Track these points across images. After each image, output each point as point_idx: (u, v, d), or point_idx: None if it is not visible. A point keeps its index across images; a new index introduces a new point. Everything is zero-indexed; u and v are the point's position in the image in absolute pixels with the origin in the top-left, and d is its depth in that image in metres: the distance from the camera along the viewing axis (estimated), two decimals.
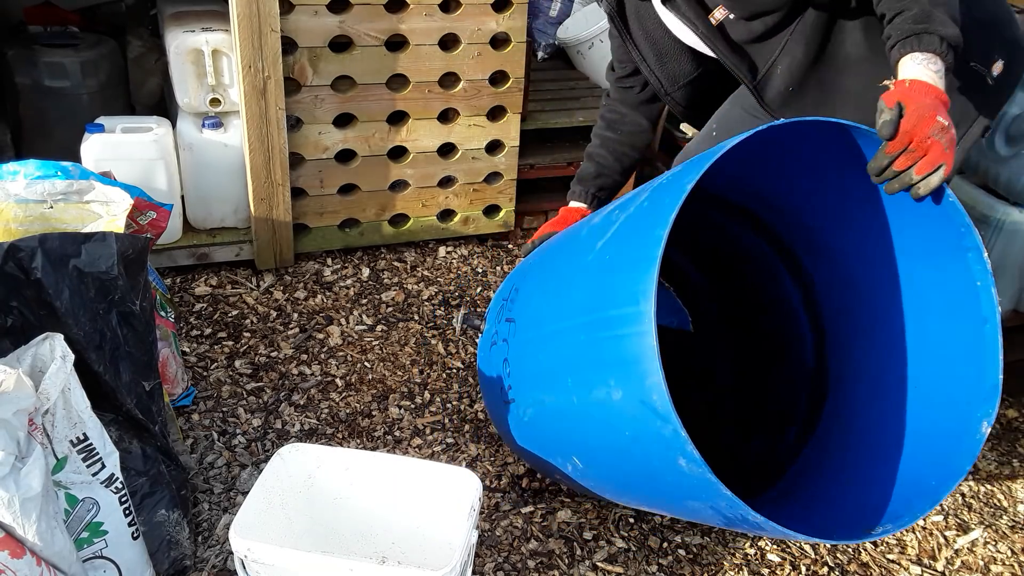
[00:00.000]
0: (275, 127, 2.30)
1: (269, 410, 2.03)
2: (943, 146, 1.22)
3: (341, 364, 2.20)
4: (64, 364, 1.27)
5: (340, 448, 1.51)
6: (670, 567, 1.75)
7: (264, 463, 1.85)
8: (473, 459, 1.96)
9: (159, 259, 2.39)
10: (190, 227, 2.49)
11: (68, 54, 2.57)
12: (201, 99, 2.33)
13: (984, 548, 1.90)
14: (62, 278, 1.34)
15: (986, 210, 2.00)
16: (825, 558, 1.82)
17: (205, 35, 2.26)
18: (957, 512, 1.99)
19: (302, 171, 2.48)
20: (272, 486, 1.45)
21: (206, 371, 2.13)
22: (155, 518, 1.53)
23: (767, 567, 1.78)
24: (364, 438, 1.99)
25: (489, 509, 1.84)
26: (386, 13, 2.34)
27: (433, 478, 1.48)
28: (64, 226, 1.56)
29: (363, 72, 2.40)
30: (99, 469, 1.35)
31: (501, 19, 2.46)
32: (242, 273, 2.52)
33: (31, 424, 1.23)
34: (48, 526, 1.21)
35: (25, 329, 1.34)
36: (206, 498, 1.78)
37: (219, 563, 1.65)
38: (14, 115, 2.66)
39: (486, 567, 1.70)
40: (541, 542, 1.77)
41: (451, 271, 2.65)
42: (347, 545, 1.55)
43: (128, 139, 2.23)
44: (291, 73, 2.31)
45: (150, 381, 1.54)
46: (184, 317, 2.31)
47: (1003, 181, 1.99)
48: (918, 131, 1.20)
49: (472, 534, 1.38)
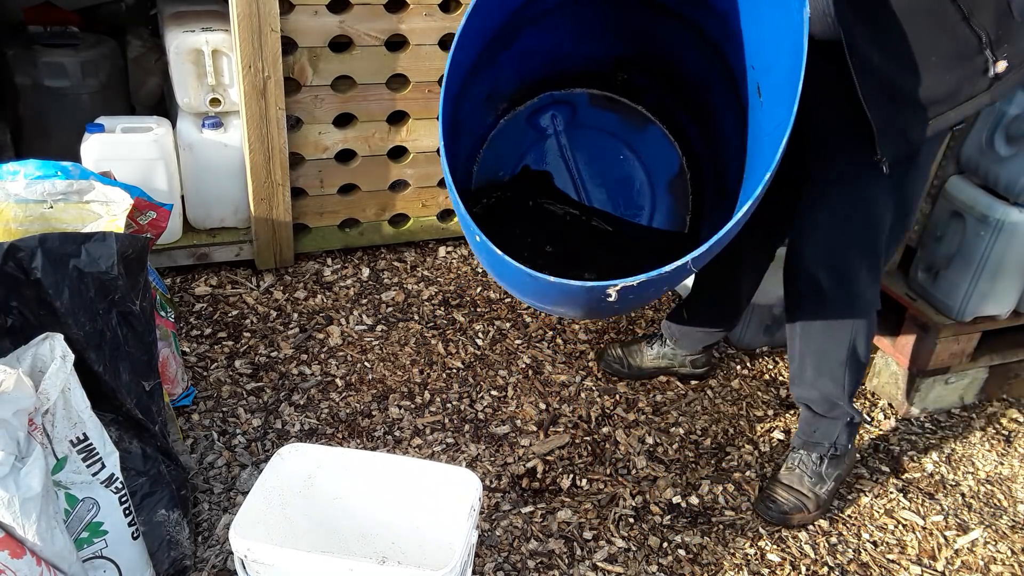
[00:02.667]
0: (275, 127, 2.30)
1: (269, 410, 2.03)
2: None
3: (341, 364, 2.20)
4: (64, 364, 1.27)
5: (340, 448, 1.51)
6: (670, 567, 1.75)
7: (264, 463, 1.85)
8: (473, 459, 1.96)
9: (159, 259, 2.39)
10: (190, 227, 2.49)
11: (68, 54, 2.57)
12: (201, 99, 2.33)
13: (984, 548, 1.90)
14: (62, 278, 1.34)
15: (986, 210, 2.00)
16: (825, 558, 1.82)
17: (205, 35, 2.26)
18: (957, 512, 1.99)
19: (302, 171, 2.48)
20: (272, 486, 1.45)
21: (206, 371, 2.13)
22: (155, 518, 1.53)
23: (767, 567, 1.78)
24: (364, 438, 1.99)
25: (489, 509, 1.84)
26: (386, 13, 2.34)
27: (433, 478, 1.48)
28: (64, 226, 1.56)
29: (363, 72, 2.40)
30: (99, 469, 1.35)
31: None
32: (242, 273, 2.52)
33: (31, 424, 1.23)
34: (48, 526, 1.21)
35: (25, 329, 1.34)
36: (206, 498, 1.78)
37: (219, 563, 1.65)
38: (14, 115, 2.66)
39: (486, 567, 1.70)
40: (541, 542, 1.77)
41: (451, 271, 2.65)
42: (347, 545, 1.54)
43: (128, 139, 2.23)
44: (291, 73, 2.31)
45: (150, 381, 1.54)
46: (184, 317, 2.31)
47: (1003, 181, 1.99)
48: None
49: (472, 534, 1.38)
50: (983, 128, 2.02)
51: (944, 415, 2.30)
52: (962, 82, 1.48)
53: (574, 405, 2.16)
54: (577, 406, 2.16)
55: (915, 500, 2.01)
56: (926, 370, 2.17)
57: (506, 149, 2.03)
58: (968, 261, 2.05)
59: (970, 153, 2.06)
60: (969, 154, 2.06)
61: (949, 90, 1.48)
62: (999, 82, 1.49)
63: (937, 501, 2.01)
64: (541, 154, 2.05)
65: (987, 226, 2.00)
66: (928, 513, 1.97)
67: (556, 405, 2.15)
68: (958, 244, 2.07)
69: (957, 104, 1.50)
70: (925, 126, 1.51)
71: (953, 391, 2.29)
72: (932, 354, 2.14)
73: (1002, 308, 2.14)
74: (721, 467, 2.03)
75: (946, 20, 1.44)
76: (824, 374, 1.81)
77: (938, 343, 2.12)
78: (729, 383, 2.31)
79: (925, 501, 2.01)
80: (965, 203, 2.05)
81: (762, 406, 2.24)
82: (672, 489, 1.94)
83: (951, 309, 2.11)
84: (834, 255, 1.71)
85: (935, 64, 1.46)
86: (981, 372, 2.29)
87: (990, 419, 2.31)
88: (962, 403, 2.33)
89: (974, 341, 2.19)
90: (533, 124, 2.03)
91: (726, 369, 2.36)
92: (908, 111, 1.50)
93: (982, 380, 2.31)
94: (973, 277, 2.05)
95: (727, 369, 2.36)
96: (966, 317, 2.11)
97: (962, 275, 2.07)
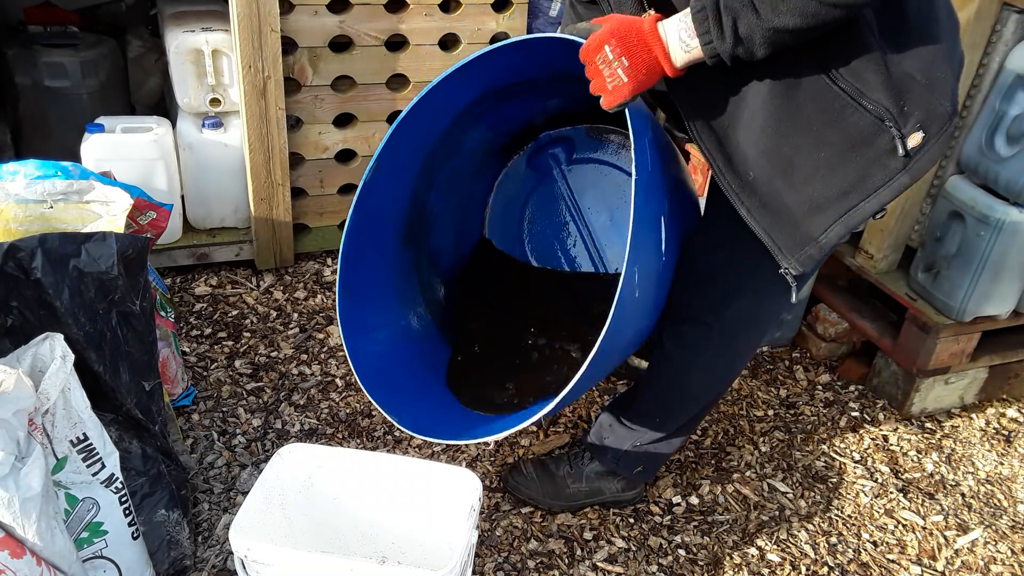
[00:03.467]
0: (275, 127, 2.30)
1: (269, 410, 2.03)
2: (605, 79, 1.26)
3: (341, 364, 2.20)
4: (64, 364, 1.27)
5: (340, 448, 1.51)
6: (670, 567, 1.75)
7: (264, 463, 1.85)
8: (473, 459, 1.96)
9: (159, 259, 2.39)
10: (190, 227, 2.49)
11: (68, 54, 2.57)
12: (201, 99, 2.33)
13: (984, 548, 1.90)
14: (62, 278, 1.34)
15: (986, 210, 2.00)
16: (825, 558, 1.82)
17: (205, 35, 2.26)
18: (957, 512, 1.99)
19: (302, 171, 2.48)
20: (272, 486, 1.45)
21: (206, 371, 2.13)
22: (155, 518, 1.53)
23: (767, 567, 1.78)
24: (364, 438, 1.98)
25: (489, 509, 1.84)
26: (386, 13, 2.34)
27: (433, 478, 1.48)
28: (64, 226, 1.56)
29: (363, 72, 2.40)
30: (99, 469, 1.35)
31: (501, 19, 2.46)
32: (242, 273, 2.52)
33: (31, 424, 1.23)
34: (48, 526, 1.21)
35: (25, 329, 1.34)
36: (206, 498, 1.78)
37: (219, 563, 1.65)
38: (14, 115, 2.66)
39: (486, 567, 1.70)
40: (541, 542, 1.77)
41: None
42: (347, 545, 1.54)
43: (128, 139, 2.23)
44: (291, 73, 2.31)
45: (150, 381, 1.54)
46: (184, 317, 2.31)
47: (1003, 181, 1.98)
48: (587, 54, 1.26)
49: (472, 534, 1.38)
50: (983, 128, 2.02)
51: (944, 415, 2.30)
52: (868, 169, 1.30)
53: (574, 405, 2.16)
54: (577, 406, 2.16)
55: (915, 500, 2.01)
56: (926, 370, 2.17)
57: (513, 192, 2.08)
58: (968, 261, 2.05)
59: (970, 153, 2.06)
60: (969, 154, 2.06)
61: (851, 182, 1.30)
62: (918, 157, 1.29)
63: (937, 501, 2.01)
64: (543, 194, 2.07)
65: (987, 226, 2.00)
66: (928, 513, 1.97)
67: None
68: (958, 244, 2.07)
69: (870, 193, 1.31)
70: (835, 226, 1.33)
71: (953, 391, 2.29)
72: (932, 354, 2.14)
73: (1002, 308, 2.14)
74: (721, 467, 2.03)
75: (830, 107, 1.27)
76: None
77: (938, 343, 2.12)
78: None
79: (925, 501, 2.01)
80: (965, 203, 2.05)
81: (762, 406, 2.24)
82: (672, 489, 1.94)
83: (951, 309, 2.11)
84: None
85: (825, 160, 1.30)
86: (981, 372, 2.29)
87: (990, 419, 2.31)
88: (962, 403, 2.33)
89: (974, 341, 2.19)
90: (533, 166, 2.04)
91: None
92: (808, 219, 1.34)
93: (982, 380, 2.31)
94: (973, 277, 2.05)
95: None
96: (966, 317, 2.11)
97: (962, 275, 2.07)
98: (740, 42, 1.18)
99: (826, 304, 2.44)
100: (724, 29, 1.17)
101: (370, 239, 1.71)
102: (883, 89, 1.25)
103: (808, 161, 1.31)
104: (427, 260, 1.94)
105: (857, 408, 2.28)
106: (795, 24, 1.14)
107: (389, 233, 1.80)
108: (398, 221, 1.81)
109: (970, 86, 2.05)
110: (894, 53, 1.27)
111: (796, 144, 1.31)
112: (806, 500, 1.96)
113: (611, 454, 1.79)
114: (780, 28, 1.15)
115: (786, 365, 2.42)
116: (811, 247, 1.36)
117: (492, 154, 2.00)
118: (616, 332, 1.37)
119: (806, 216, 1.34)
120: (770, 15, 1.14)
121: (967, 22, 1.94)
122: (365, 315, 1.72)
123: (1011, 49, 1.98)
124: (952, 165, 2.15)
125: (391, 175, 1.67)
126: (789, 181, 1.33)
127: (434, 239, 1.94)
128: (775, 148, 1.32)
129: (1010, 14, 1.96)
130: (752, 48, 1.18)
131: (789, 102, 1.27)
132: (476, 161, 1.96)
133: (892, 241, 2.24)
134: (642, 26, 1.24)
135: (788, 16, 1.13)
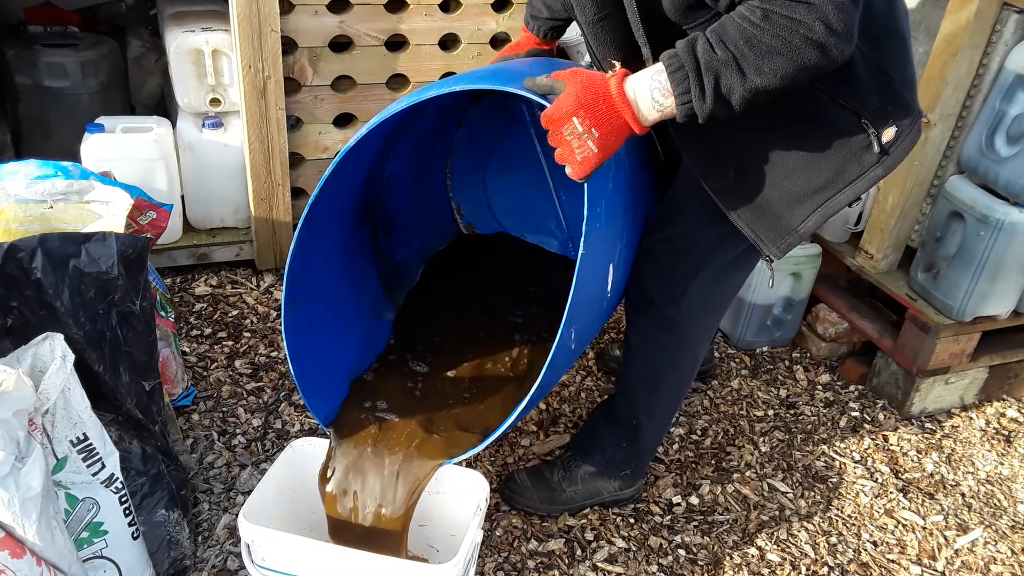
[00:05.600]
0: (275, 127, 2.30)
1: (269, 410, 2.03)
2: (574, 150, 1.20)
3: None
4: (64, 364, 1.27)
5: None
6: (670, 567, 1.75)
7: (264, 463, 1.85)
8: (473, 459, 1.96)
9: (159, 259, 2.39)
10: (190, 227, 2.49)
11: (68, 54, 2.57)
12: (201, 99, 2.33)
13: (984, 548, 1.90)
14: (62, 278, 1.34)
15: (986, 210, 2.00)
16: (825, 558, 1.82)
17: (205, 35, 2.26)
18: (957, 512, 1.99)
19: (302, 171, 2.48)
20: (283, 478, 1.48)
21: (206, 371, 2.13)
22: (155, 518, 1.53)
23: (767, 567, 1.78)
24: None
25: (489, 509, 1.83)
26: (386, 13, 2.34)
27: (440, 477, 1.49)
28: (64, 226, 1.56)
29: (363, 72, 2.40)
30: (99, 469, 1.35)
31: (501, 19, 2.46)
32: (242, 273, 2.52)
33: (31, 424, 1.23)
34: (48, 526, 1.21)
35: (25, 329, 1.34)
36: (206, 498, 1.78)
37: (219, 563, 1.65)
38: (14, 115, 2.66)
39: (486, 567, 1.70)
40: (541, 542, 1.77)
41: None
42: None
43: (128, 139, 2.23)
44: (291, 73, 2.31)
45: (150, 381, 1.54)
46: (184, 317, 2.31)
47: (1003, 181, 1.98)
48: (552, 124, 1.20)
49: (478, 533, 1.39)
50: (983, 128, 2.02)
51: (944, 415, 2.30)
52: (844, 164, 1.35)
53: (574, 405, 2.16)
54: (577, 406, 2.16)
55: (915, 500, 2.01)
56: (926, 370, 2.17)
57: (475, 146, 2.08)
58: (968, 261, 2.05)
59: (970, 153, 2.06)
60: (969, 154, 2.06)
61: (828, 177, 1.35)
62: (891, 151, 1.36)
63: (937, 501, 2.01)
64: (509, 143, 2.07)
65: (987, 226, 2.00)
66: (928, 513, 1.97)
67: (556, 405, 2.15)
68: (958, 244, 2.07)
69: (846, 185, 1.36)
70: (812, 216, 1.38)
71: (953, 391, 2.29)
72: (932, 354, 2.14)
73: (1002, 308, 2.14)
74: (721, 467, 2.03)
75: (809, 107, 1.31)
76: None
77: (938, 343, 2.13)
78: (729, 383, 2.31)
79: (925, 501, 2.01)
80: (965, 203, 2.05)
81: (762, 406, 2.24)
82: (672, 489, 1.94)
83: (951, 309, 2.11)
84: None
85: (804, 157, 1.35)
86: (981, 372, 2.29)
87: (990, 419, 2.31)
88: (962, 403, 2.33)
89: (974, 341, 2.19)
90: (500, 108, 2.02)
91: (726, 369, 2.36)
92: (788, 211, 1.39)
93: (982, 380, 2.31)
94: (973, 277, 2.05)
95: (727, 369, 2.36)
96: (966, 317, 2.11)
97: (962, 275, 2.07)
98: (719, 101, 1.16)
99: (826, 304, 2.44)
100: (705, 89, 1.15)
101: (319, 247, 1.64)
102: (860, 87, 1.29)
103: (788, 159, 1.35)
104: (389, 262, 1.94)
105: (857, 408, 2.28)
106: (775, 85, 1.15)
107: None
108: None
109: (970, 86, 2.05)
110: (868, 51, 1.29)
111: (776, 144, 1.35)
112: (806, 500, 1.96)
113: (598, 456, 1.80)
114: (761, 89, 1.15)
115: (786, 365, 2.42)
116: (791, 236, 1.41)
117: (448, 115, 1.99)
118: (549, 382, 1.40)
119: (786, 209, 1.39)
120: (754, 76, 1.14)
121: (967, 22, 1.94)
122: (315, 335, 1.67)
123: (1011, 49, 1.98)
124: (952, 165, 2.15)
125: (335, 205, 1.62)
126: (770, 178, 1.37)
127: (392, 243, 1.95)
128: (756, 148, 1.36)
129: (1010, 14, 1.96)
130: (730, 107, 1.17)
131: (769, 103, 1.28)
132: (432, 129, 1.95)
133: (892, 241, 2.24)
134: (609, 90, 1.19)
135: (771, 77, 1.13)
